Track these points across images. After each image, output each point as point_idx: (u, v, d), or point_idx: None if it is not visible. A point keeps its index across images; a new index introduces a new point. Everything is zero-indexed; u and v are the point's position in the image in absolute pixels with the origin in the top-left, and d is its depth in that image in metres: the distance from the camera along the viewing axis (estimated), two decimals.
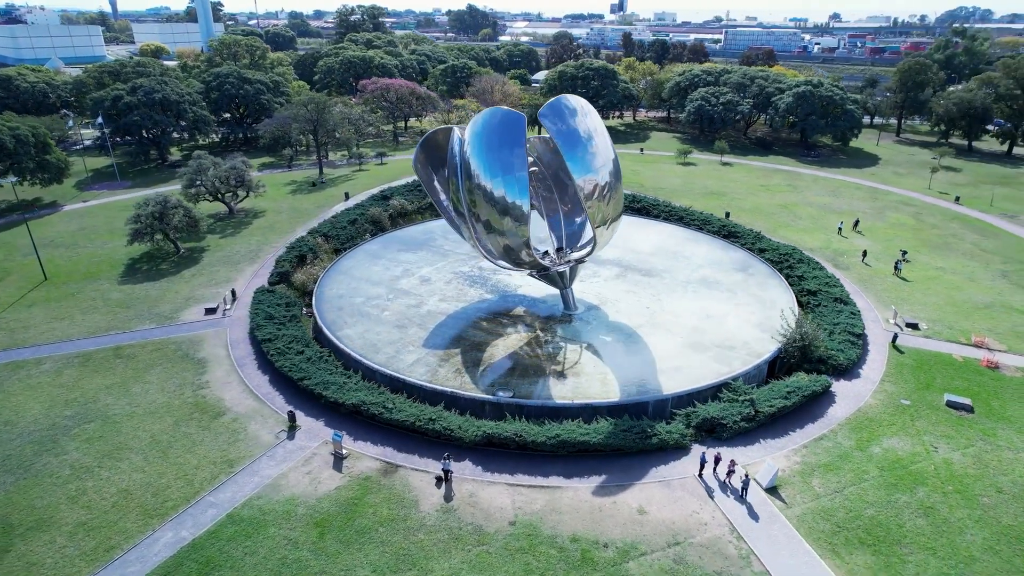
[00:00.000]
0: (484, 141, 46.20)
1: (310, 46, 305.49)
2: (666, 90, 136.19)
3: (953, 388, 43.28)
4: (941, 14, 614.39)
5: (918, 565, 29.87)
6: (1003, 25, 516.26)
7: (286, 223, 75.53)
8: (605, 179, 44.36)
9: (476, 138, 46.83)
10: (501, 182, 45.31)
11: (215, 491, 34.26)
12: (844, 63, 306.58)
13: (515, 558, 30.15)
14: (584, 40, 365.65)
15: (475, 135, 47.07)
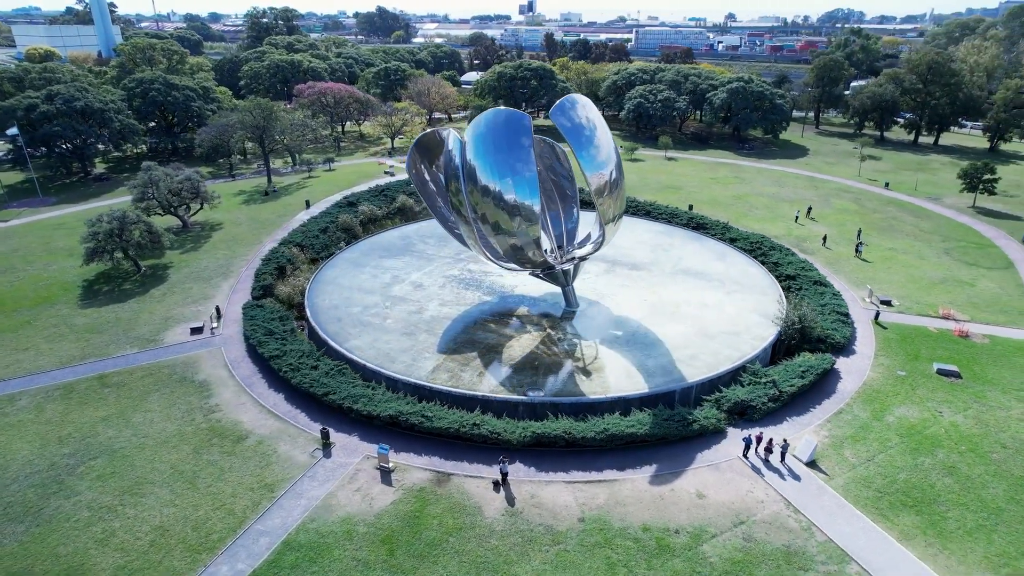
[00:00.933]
0: (490, 142, 46.04)
1: (215, 50, 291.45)
2: (603, 89, 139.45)
3: (937, 357, 47.07)
4: (822, 15, 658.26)
5: (956, 520, 32.40)
6: (874, 26, 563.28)
7: (249, 234, 72.04)
8: (613, 175, 45.34)
9: (480, 140, 46.57)
10: (511, 183, 45.29)
11: (261, 518, 32.45)
12: (749, 60, 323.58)
13: (594, 553, 30.36)
14: (499, 41, 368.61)
15: (478, 136, 46.79)
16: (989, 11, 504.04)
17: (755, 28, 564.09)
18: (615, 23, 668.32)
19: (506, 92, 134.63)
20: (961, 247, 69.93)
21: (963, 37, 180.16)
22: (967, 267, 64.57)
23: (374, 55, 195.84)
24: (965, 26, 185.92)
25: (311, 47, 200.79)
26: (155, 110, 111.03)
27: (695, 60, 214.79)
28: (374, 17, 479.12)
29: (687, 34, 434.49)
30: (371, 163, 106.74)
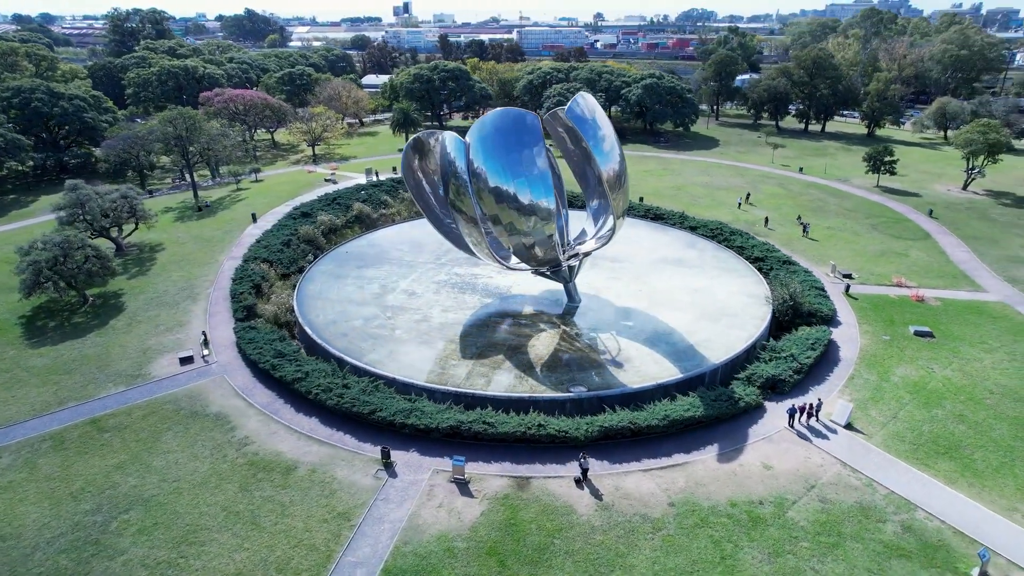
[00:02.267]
0: (500, 143, 45.93)
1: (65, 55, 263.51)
2: (518, 88, 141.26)
3: (909, 321, 52.47)
4: (679, 14, 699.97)
5: (983, 461, 36.55)
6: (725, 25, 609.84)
7: (200, 253, 66.63)
8: (622, 168, 46.63)
9: (487, 141, 46.33)
10: (526, 183, 45.45)
11: (349, 549, 30.62)
12: (631, 57, 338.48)
13: (696, 533, 31.37)
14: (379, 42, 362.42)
15: (485, 138, 46.53)
16: (819, 12, 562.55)
17: (626, 27, 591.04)
18: (488, 24, 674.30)
19: (425, 93, 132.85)
20: (884, 223, 77.96)
21: (824, 36, 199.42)
22: (895, 240, 72.14)
23: (266, 60, 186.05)
24: (825, 25, 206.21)
25: (196, 52, 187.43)
26: (39, 122, 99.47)
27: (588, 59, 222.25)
28: (243, 20, 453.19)
29: (567, 33, 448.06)
30: (298, 172, 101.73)
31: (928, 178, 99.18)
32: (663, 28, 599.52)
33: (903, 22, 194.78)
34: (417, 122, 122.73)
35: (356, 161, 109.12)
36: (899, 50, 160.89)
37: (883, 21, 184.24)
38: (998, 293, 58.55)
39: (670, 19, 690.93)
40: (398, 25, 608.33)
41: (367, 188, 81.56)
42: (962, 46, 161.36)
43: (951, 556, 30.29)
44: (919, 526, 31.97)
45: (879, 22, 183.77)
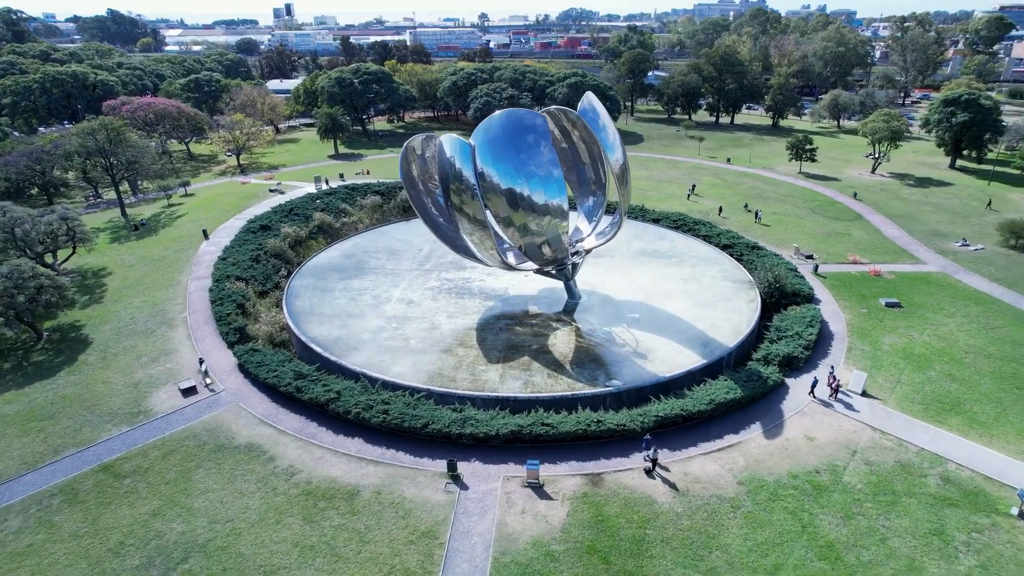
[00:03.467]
0: (510, 144, 46.16)
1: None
2: (441, 89, 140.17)
3: (876, 294, 57.48)
4: (560, 13, 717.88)
5: (983, 413, 40.93)
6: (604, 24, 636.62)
7: (156, 276, 61.40)
8: (627, 163, 47.91)
9: (496, 143, 46.46)
10: (539, 183, 45.85)
11: (448, 569, 29.72)
12: (527, 56, 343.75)
13: (772, 507, 33.06)
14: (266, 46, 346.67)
15: (493, 140, 46.60)
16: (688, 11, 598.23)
17: (514, 27, 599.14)
18: (373, 25, 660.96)
19: (347, 97, 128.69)
20: (819, 206, 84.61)
21: (717, 34, 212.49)
22: (834, 221, 78.55)
23: (159, 65, 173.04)
24: (717, 24, 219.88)
25: (74, 56, 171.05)
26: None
27: (494, 58, 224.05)
28: (105, 22, 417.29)
29: (459, 34, 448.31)
30: (230, 183, 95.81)
31: (839, 164, 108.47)
32: (549, 27, 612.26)
33: (786, 21, 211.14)
34: (345, 127, 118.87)
35: (287, 170, 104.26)
36: (788, 47, 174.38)
37: (769, 20, 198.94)
38: (935, 264, 65.32)
39: (551, 18, 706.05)
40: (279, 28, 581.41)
41: (321, 197, 78.21)
42: (839, 43, 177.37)
43: (990, 499, 33.79)
44: (955, 476, 35.37)
45: (765, 21, 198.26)
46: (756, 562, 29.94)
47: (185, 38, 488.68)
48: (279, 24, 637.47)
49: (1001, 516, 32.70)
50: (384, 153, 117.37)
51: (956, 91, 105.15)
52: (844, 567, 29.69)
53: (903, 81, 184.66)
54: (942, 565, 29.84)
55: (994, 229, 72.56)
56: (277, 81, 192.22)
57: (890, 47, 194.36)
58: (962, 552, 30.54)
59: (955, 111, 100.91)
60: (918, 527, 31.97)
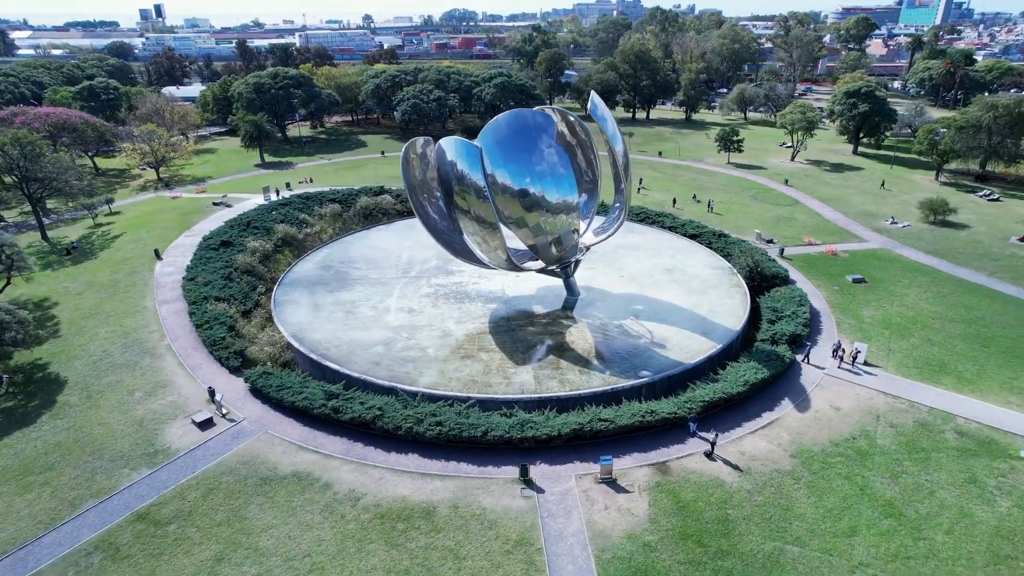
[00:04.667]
0: (520, 145, 46.80)
1: None
2: (363, 92, 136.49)
3: (838, 272, 62.34)
4: (443, 14, 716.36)
5: (966, 372, 45.69)
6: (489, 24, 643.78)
7: (114, 303, 56.02)
8: (627, 155, 49.23)
9: (505, 144, 46.96)
10: (552, 182, 46.42)
11: (554, 573, 29.59)
12: (425, 58, 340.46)
13: (827, 474, 35.39)
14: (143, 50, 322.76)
15: (502, 141, 47.00)
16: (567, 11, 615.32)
17: (402, 28, 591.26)
18: (251, 28, 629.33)
19: (266, 103, 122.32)
20: (758, 193, 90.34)
21: (619, 34, 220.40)
22: (777, 207, 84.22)
23: (35, 71, 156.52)
24: (618, 23, 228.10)
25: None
26: None
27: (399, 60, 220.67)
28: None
29: (351, 36, 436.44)
30: (157, 198, 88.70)
31: (760, 153, 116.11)
32: (437, 28, 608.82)
33: (683, 20, 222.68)
34: (271, 134, 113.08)
35: (215, 182, 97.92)
36: (690, 45, 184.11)
37: (668, 19, 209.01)
38: (876, 241, 71.76)
39: (435, 19, 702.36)
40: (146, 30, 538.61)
41: (276, 208, 74.21)
42: (734, 40, 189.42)
43: (1000, 446, 37.91)
44: (966, 429, 39.35)
45: (664, 20, 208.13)
46: (833, 527, 31.96)
47: (40, 41, 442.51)
48: (146, 26, 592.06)
49: (1015, 460, 36.77)
50: (314, 160, 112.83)
51: (856, 84, 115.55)
52: (908, 522, 32.33)
53: (786, 76, 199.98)
54: (986, 509, 33.19)
55: (915, 207, 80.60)
56: (173, 88, 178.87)
57: (776, 44, 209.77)
58: (997, 495, 34.10)
59: (856, 102, 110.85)
60: (954, 478, 35.33)
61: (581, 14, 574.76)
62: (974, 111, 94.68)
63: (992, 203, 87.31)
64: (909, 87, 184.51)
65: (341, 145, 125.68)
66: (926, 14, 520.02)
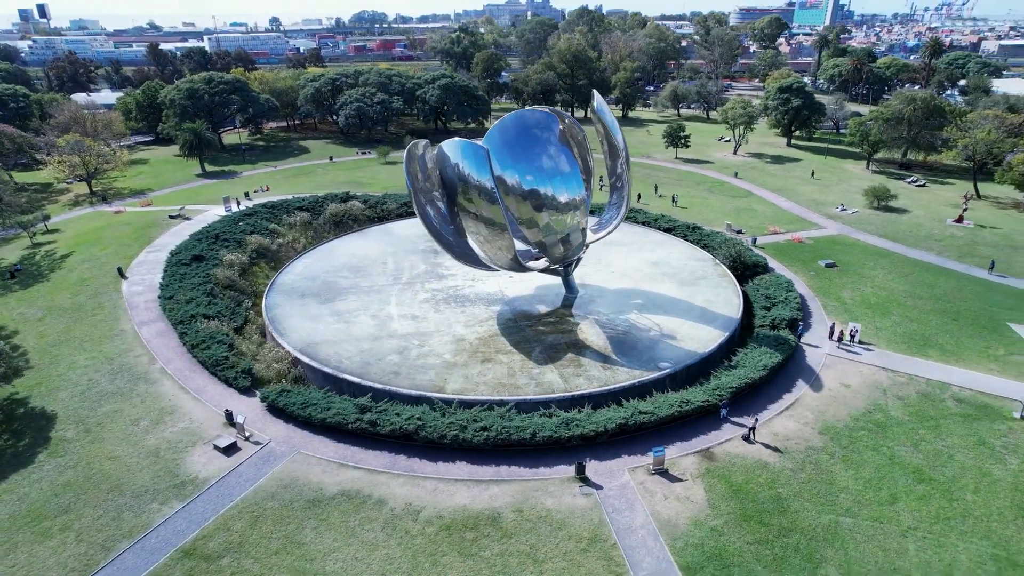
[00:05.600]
0: (529, 145, 47.12)
1: None
2: (302, 97, 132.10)
3: (808, 258, 66.02)
4: (352, 16, 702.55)
5: (947, 344, 49.56)
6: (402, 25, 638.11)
7: (85, 328, 51.90)
8: (627, 147, 50.33)
9: (514, 145, 47.65)
10: (561, 181, 46.99)
11: (635, 567, 30.03)
12: (346, 61, 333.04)
13: (857, 447, 37.58)
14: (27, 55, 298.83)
15: (510, 141, 47.65)
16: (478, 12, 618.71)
17: (314, 31, 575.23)
18: (148, 31, 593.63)
19: (200, 111, 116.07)
20: (713, 186, 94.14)
21: (546, 34, 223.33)
22: (734, 199, 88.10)
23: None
24: (544, 23, 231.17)
25: None
26: None
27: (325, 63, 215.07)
28: None
29: (264, 39, 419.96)
30: (99, 214, 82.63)
31: (703, 148, 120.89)
32: (350, 31, 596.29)
33: (608, 21, 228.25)
34: (212, 143, 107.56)
35: (156, 194, 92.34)
36: (619, 44, 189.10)
37: (594, 20, 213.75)
38: (832, 228, 76.44)
39: (344, 21, 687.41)
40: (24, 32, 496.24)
41: (243, 219, 70.79)
42: (660, 39, 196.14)
43: (995, 410, 41.44)
44: (962, 397, 42.75)
45: (591, 20, 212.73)
46: (875, 496, 34.00)
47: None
48: (26, 27, 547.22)
49: (1011, 421, 40.30)
50: (259, 168, 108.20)
51: (788, 80, 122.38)
52: (939, 485, 34.85)
53: (705, 73, 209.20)
54: (1000, 468, 36.24)
55: (860, 195, 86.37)
56: (83, 95, 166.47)
57: (698, 43, 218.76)
58: (1006, 455, 37.29)
59: (790, 97, 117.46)
60: (965, 441, 38.34)
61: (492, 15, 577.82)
62: (895, 104, 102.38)
63: (920, 189, 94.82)
64: (820, 83, 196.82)
65: (282, 152, 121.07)
66: (816, 15, 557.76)
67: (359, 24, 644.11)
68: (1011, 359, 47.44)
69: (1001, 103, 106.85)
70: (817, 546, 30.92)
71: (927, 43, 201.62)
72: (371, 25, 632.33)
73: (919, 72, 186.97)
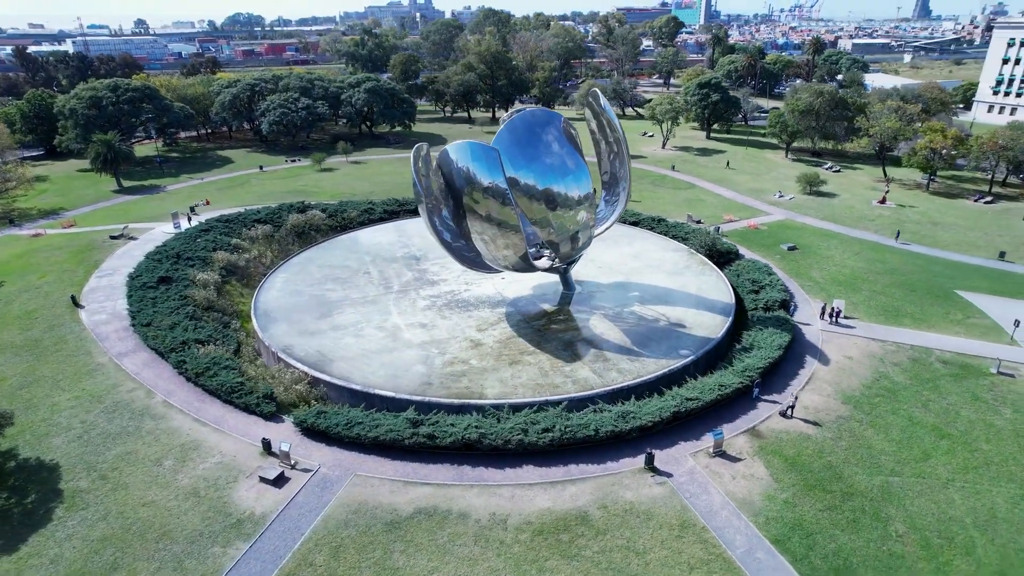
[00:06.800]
0: (539, 144, 47.53)
1: None
2: (216, 104, 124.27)
3: (769, 243, 70.55)
4: (224, 19, 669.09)
5: (915, 313, 54.76)
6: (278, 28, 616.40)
7: (54, 366, 46.59)
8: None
9: (524, 144, 48.03)
10: (573, 179, 47.77)
11: (732, 547, 31.28)
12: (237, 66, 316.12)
13: (879, 412, 40.98)
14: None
15: (520, 141, 48.14)
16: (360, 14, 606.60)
17: (188, 34, 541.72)
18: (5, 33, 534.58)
19: (106, 120, 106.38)
20: (656, 180, 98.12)
21: (452, 36, 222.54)
22: (679, 191, 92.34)
23: None
24: (450, 24, 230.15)
25: None
26: None
27: (223, 68, 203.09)
28: None
29: (139, 43, 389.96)
30: (13, 237, 74.02)
31: (630, 143, 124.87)
32: (231, 35, 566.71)
33: (514, 21, 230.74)
34: (129, 155, 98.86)
35: (73, 213, 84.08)
36: (529, 44, 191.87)
37: (501, 20, 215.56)
38: (778, 214, 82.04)
39: (217, 24, 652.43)
40: None
41: (200, 234, 65.92)
42: (568, 40, 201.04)
43: (974, 368, 46.46)
44: (945, 359, 47.55)
45: (497, 21, 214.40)
46: (910, 454, 37.28)
47: None
48: None
49: (990, 376, 45.33)
50: (183, 181, 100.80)
51: (706, 76, 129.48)
52: (958, 439, 38.72)
53: (607, 70, 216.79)
54: (999, 418, 40.76)
55: (794, 181, 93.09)
56: None
57: (600, 42, 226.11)
58: (999, 406, 41.98)
59: (709, 92, 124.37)
60: (963, 398, 42.74)
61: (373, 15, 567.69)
62: (806, 97, 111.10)
63: (836, 174, 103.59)
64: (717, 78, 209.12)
65: (202, 163, 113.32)
66: (691, 15, 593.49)
67: (235, 27, 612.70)
68: (970, 322, 53.20)
69: (894, 95, 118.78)
70: (879, 506, 33.46)
71: (810, 41, 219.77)
72: (250, 28, 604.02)
73: (802, 68, 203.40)
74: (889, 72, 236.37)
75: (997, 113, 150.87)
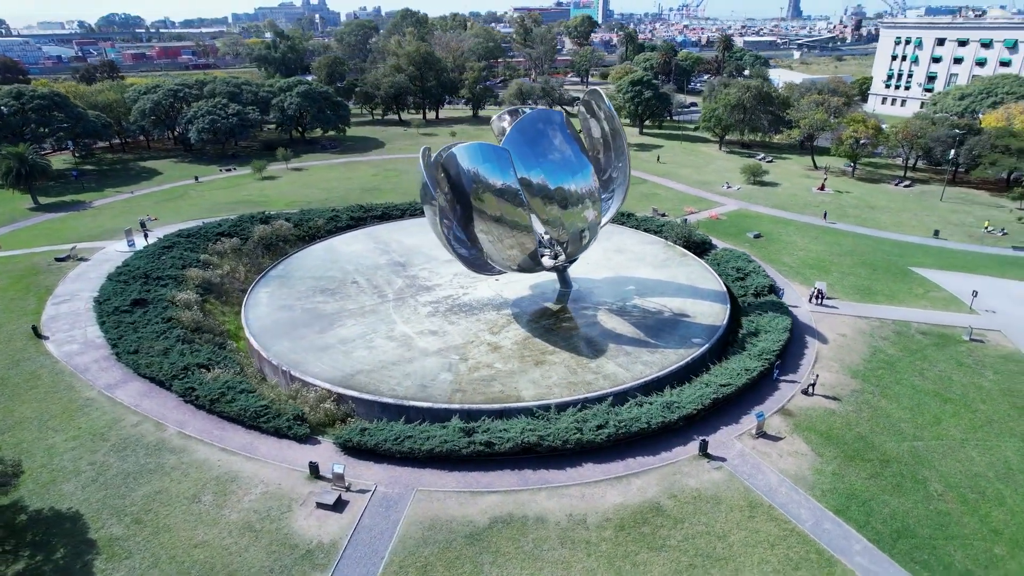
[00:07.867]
0: (548, 143, 47.85)
1: None
2: (135, 112, 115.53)
3: (733, 233, 74.11)
4: (99, 18, 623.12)
5: (886, 290, 59.27)
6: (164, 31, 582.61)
7: (34, 404, 41.93)
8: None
9: (535, 144, 47.72)
10: (582, 177, 48.35)
11: (801, 522, 32.89)
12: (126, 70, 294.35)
13: (888, 383, 44.26)
14: None
15: (531, 140, 47.89)
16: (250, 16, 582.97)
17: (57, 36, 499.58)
18: None
19: (12, 131, 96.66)
20: None
21: (366, 37, 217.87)
22: (635, 186, 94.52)
23: None
24: (364, 25, 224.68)
25: None
26: None
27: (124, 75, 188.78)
28: None
29: (8, 45, 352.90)
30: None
31: None
32: (112, 37, 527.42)
33: (432, 22, 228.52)
34: (46, 169, 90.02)
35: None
36: (452, 44, 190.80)
37: (418, 21, 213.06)
38: (732, 204, 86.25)
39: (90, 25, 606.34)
40: None
41: (164, 252, 61.30)
42: (488, 39, 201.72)
43: (950, 337, 51.05)
44: (923, 330, 51.91)
45: (416, 22, 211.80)
46: (925, 420, 40.56)
47: None
48: None
49: (964, 343, 49.95)
50: (108, 196, 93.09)
51: (639, 74, 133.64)
52: (958, 402, 42.48)
53: (524, 68, 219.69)
54: (983, 380, 45.04)
55: (738, 172, 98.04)
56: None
57: (517, 42, 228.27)
58: (981, 369, 46.39)
59: (642, 89, 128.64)
60: (949, 365, 46.89)
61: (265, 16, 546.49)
62: (735, 92, 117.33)
63: (770, 164, 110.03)
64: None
65: (126, 176, 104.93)
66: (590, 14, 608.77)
67: (111, 28, 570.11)
68: (932, 296, 58.29)
69: (813, 89, 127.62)
70: (914, 469, 36.21)
71: (720, 39, 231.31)
72: (130, 30, 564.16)
73: (711, 64, 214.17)
74: (783, 67, 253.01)
75: (890, 104, 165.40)
